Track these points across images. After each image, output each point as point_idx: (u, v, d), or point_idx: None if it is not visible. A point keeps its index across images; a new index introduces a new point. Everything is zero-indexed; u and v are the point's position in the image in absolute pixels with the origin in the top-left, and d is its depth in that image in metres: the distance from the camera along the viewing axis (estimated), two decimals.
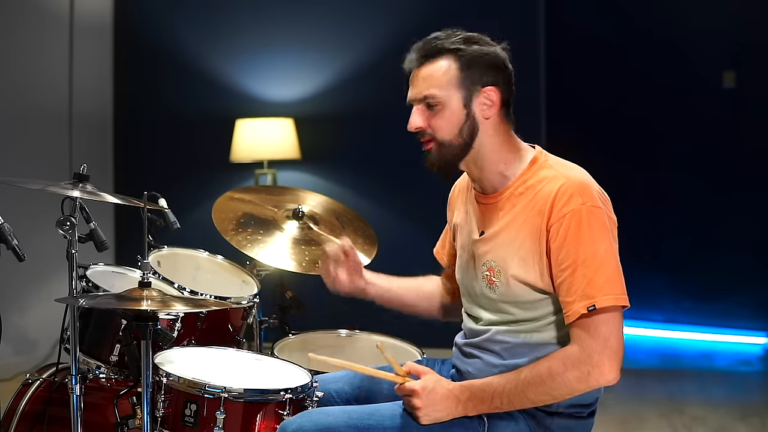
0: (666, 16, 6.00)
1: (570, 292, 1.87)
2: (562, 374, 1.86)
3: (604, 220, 1.90)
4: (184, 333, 2.62)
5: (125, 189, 3.18)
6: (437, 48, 1.97)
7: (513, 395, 1.90)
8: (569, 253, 1.87)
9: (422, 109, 1.99)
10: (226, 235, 2.91)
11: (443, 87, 1.96)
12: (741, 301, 5.83)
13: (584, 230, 1.87)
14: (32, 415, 2.53)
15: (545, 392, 1.88)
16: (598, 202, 1.91)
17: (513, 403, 1.91)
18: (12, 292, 4.51)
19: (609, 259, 1.87)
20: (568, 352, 1.87)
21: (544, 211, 1.91)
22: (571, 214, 1.88)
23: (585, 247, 1.86)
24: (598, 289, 1.84)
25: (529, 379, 1.88)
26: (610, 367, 1.85)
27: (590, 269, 1.85)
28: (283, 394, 2.10)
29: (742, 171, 5.81)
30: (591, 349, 1.85)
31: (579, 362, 1.85)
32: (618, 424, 4.11)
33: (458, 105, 1.97)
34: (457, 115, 1.97)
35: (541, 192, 1.94)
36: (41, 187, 2.26)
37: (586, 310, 1.84)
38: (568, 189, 1.90)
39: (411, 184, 5.10)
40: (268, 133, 5.03)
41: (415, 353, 2.75)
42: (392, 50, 5.08)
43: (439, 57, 1.97)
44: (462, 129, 1.98)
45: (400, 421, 1.95)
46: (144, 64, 5.52)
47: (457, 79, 1.96)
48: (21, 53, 4.79)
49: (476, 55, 1.96)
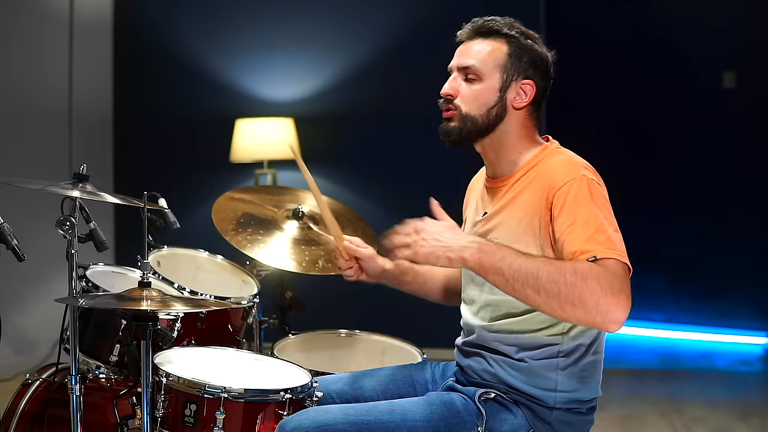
0: (666, 16, 6.01)
1: (570, 249, 1.81)
2: (584, 275, 1.72)
3: (603, 192, 1.91)
4: (184, 333, 2.62)
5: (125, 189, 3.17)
6: (495, 29, 2.02)
7: (525, 264, 1.76)
8: (569, 215, 1.86)
9: (459, 79, 2.04)
10: (226, 235, 2.91)
11: (486, 64, 2.01)
12: (741, 301, 5.83)
13: (584, 195, 1.87)
14: (32, 415, 2.53)
15: (556, 282, 1.72)
16: (597, 178, 1.93)
17: (519, 269, 1.76)
18: (12, 292, 4.51)
19: (610, 222, 1.85)
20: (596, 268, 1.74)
21: (545, 184, 1.93)
22: (572, 181, 1.89)
23: (586, 209, 1.85)
24: (599, 244, 1.79)
25: (552, 261, 1.77)
26: (625, 305, 1.71)
27: (590, 228, 1.82)
28: (282, 394, 2.10)
29: (742, 171, 5.81)
30: (614, 276, 1.73)
31: (603, 278, 1.72)
32: (618, 424, 4.11)
33: (494, 86, 2.01)
34: (489, 94, 2.01)
35: (543, 170, 1.98)
36: (41, 187, 2.26)
37: (586, 260, 1.78)
38: (571, 164, 1.94)
39: (411, 184, 5.10)
40: (268, 133, 5.03)
41: (415, 353, 2.75)
42: (392, 50, 5.20)
43: (493, 37, 2.02)
44: (490, 109, 2.01)
45: (397, 417, 1.96)
46: (144, 64, 5.52)
47: (502, 63, 2.01)
48: (21, 53, 4.79)
49: (527, 48, 2.02)
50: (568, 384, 1.98)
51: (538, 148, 2.06)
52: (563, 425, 2.00)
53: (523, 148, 2.05)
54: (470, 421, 1.98)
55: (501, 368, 2.01)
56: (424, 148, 5.04)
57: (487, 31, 2.03)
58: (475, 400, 2.00)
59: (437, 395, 2.06)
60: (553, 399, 1.98)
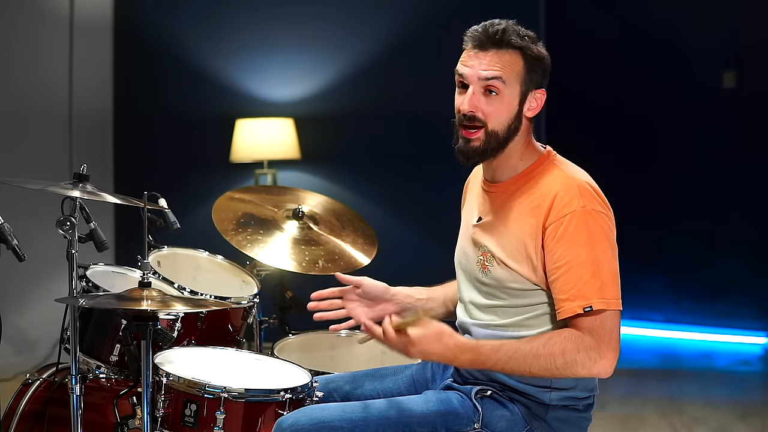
0: (666, 16, 6.00)
1: (564, 290, 1.88)
2: (573, 356, 1.86)
3: (604, 224, 1.91)
4: (184, 333, 2.62)
5: (125, 189, 3.17)
6: (508, 40, 1.95)
7: (515, 366, 1.88)
8: (566, 253, 1.88)
9: (480, 94, 1.96)
10: (226, 235, 2.91)
11: (510, 77, 1.95)
12: (741, 301, 5.83)
13: (582, 232, 1.88)
14: (32, 415, 2.54)
15: (548, 369, 1.87)
16: (599, 206, 1.92)
17: (512, 370, 1.90)
18: (12, 292, 4.51)
19: (605, 262, 1.88)
20: (582, 337, 1.86)
21: (543, 208, 1.92)
22: (571, 216, 1.89)
23: (583, 249, 1.87)
24: (594, 291, 1.85)
25: (540, 353, 1.87)
26: (613, 360, 1.87)
27: (587, 270, 1.86)
28: (283, 394, 2.10)
29: (742, 171, 5.80)
30: (601, 339, 1.86)
31: (590, 348, 1.86)
32: (618, 424, 4.11)
33: (515, 99, 1.97)
34: (510, 108, 1.97)
35: (542, 189, 1.96)
36: (41, 187, 2.26)
37: (582, 310, 1.86)
38: (570, 190, 1.92)
39: (411, 184, 5.11)
40: (268, 133, 5.03)
41: None
42: (392, 50, 5.19)
43: (509, 48, 1.95)
44: (511, 124, 1.97)
45: (394, 414, 1.97)
46: (144, 64, 5.52)
47: (521, 74, 1.96)
48: (21, 53, 4.79)
49: (538, 56, 1.98)
50: (564, 381, 1.98)
51: (537, 155, 2.04)
52: (560, 422, 2.00)
53: (524, 155, 2.03)
54: (467, 418, 1.98)
55: None
56: (424, 148, 5.05)
57: (503, 42, 1.95)
58: (472, 398, 2.00)
59: (434, 393, 2.07)
60: (549, 396, 1.98)
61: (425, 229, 5.04)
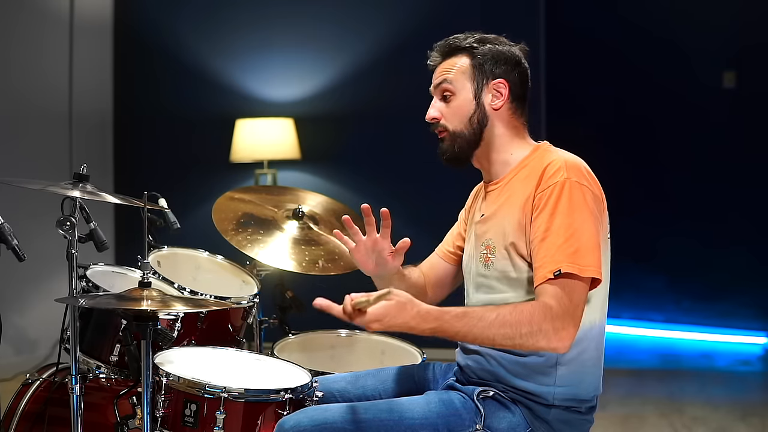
0: (666, 16, 6.01)
1: (538, 258, 1.91)
2: (539, 325, 1.82)
3: (587, 195, 1.94)
4: (184, 333, 2.62)
5: (125, 189, 3.17)
6: (454, 46, 2.12)
7: (478, 333, 1.84)
8: (543, 222, 1.92)
9: (437, 102, 2.13)
10: (226, 235, 2.91)
11: (456, 79, 2.10)
12: (741, 301, 5.83)
13: (562, 202, 1.91)
14: (32, 415, 2.54)
15: (512, 338, 1.83)
16: (583, 180, 1.95)
17: (474, 338, 1.86)
18: (12, 292, 4.52)
19: (583, 232, 1.90)
20: (549, 307, 1.84)
21: (534, 178, 1.98)
22: (555, 186, 1.94)
23: (561, 218, 1.90)
24: (565, 256, 1.87)
25: (506, 321, 1.83)
26: (573, 334, 1.85)
27: (560, 237, 1.89)
28: (283, 394, 2.10)
29: (742, 171, 5.81)
30: (565, 309, 1.85)
31: (554, 317, 1.83)
32: (618, 424, 4.11)
33: (469, 95, 2.09)
34: (467, 105, 2.08)
35: (534, 168, 2.01)
36: (41, 187, 2.26)
37: (552, 275, 1.86)
38: (557, 163, 1.97)
39: (411, 184, 5.10)
40: (268, 133, 5.03)
41: (415, 353, 2.75)
42: (392, 50, 5.20)
43: (455, 54, 2.12)
44: (471, 118, 2.08)
45: (396, 416, 1.97)
46: (144, 64, 5.52)
47: (469, 72, 2.09)
48: (21, 53, 4.79)
49: (488, 51, 2.09)
50: (568, 379, 1.98)
51: (529, 148, 2.10)
52: (562, 424, 2.00)
53: (515, 149, 2.09)
54: (469, 419, 1.98)
55: (499, 366, 2.02)
56: (424, 148, 5.04)
57: (449, 50, 2.12)
58: (474, 399, 2.01)
59: (436, 394, 2.07)
60: (552, 395, 1.98)
61: (425, 229, 5.04)
